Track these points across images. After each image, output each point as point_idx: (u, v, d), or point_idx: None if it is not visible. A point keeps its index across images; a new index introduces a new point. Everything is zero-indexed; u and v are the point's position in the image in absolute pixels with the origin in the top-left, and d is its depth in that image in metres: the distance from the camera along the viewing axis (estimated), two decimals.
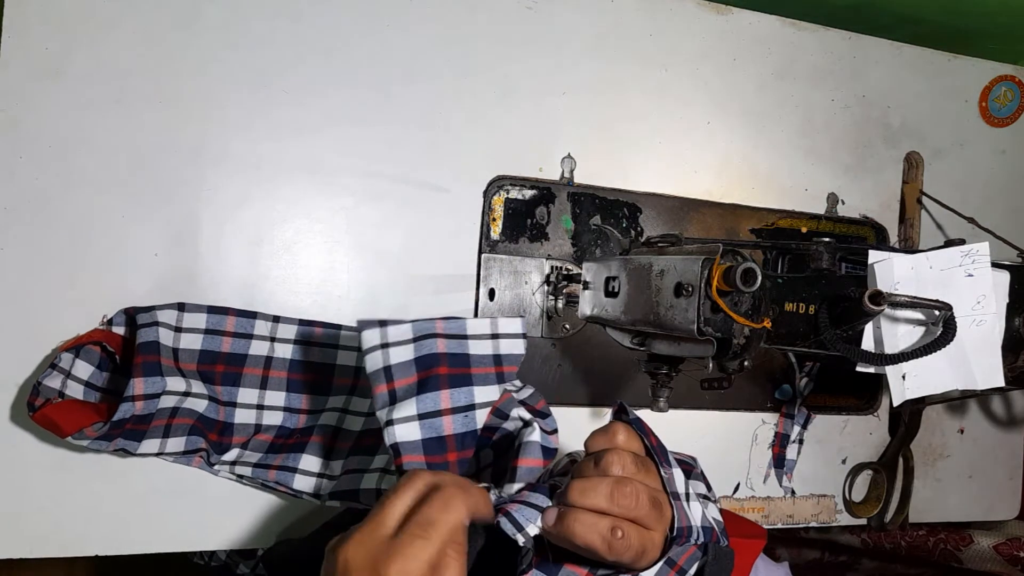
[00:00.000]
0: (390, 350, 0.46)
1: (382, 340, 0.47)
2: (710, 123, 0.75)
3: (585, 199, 0.70)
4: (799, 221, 0.78)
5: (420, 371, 0.46)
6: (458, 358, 0.47)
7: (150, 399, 0.54)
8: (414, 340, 0.47)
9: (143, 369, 0.54)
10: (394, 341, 0.47)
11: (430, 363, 0.46)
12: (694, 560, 0.45)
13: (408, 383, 0.46)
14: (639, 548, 0.40)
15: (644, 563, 0.41)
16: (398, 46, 0.65)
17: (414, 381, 0.46)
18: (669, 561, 0.43)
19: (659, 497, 0.42)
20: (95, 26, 0.58)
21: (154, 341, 0.55)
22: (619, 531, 0.39)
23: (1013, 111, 0.86)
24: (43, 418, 0.52)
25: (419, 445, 0.43)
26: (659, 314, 0.53)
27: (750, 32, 0.76)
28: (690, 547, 0.45)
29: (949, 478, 0.84)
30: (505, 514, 0.41)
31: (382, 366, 0.46)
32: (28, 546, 0.57)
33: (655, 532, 0.41)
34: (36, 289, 0.57)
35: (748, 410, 0.76)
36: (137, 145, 0.59)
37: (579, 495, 0.40)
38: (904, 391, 0.52)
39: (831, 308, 0.52)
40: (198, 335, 0.58)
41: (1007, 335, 0.53)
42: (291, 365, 0.61)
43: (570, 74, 0.70)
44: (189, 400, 0.57)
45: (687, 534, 0.44)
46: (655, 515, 0.41)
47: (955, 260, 0.52)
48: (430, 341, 0.47)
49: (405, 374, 0.46)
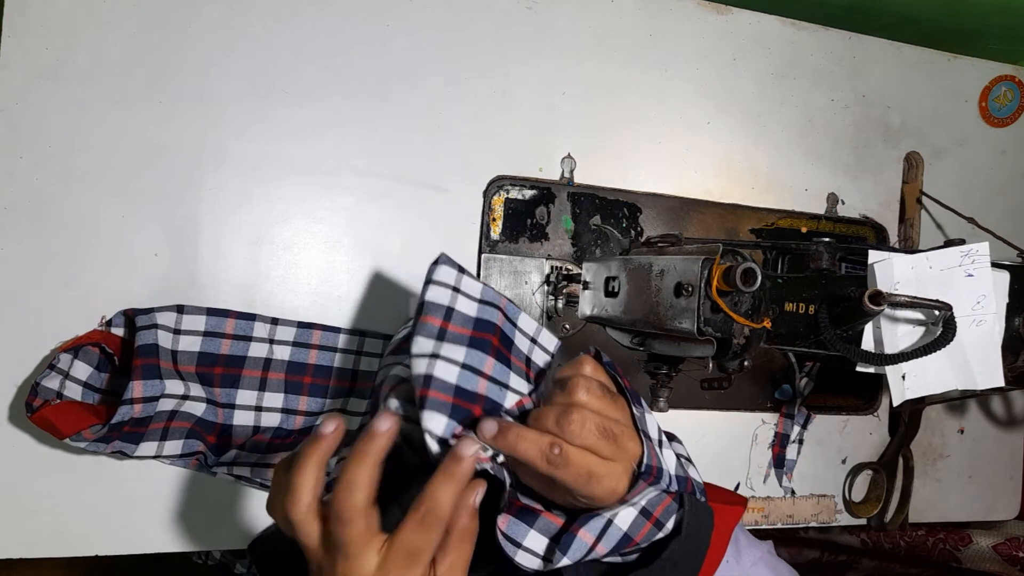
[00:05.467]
0: (459, 296, 0.46)
1: (456, 283, 0.46)
2: (710, 123, 0.75)
3: (585, 199, 0.70)
4: (799, 221, 0.78)
5: (476, 330, 0.45)
6: (505, 340, 0.47)
7: (148, 402, 0.54)
8: (480, 301, 0.46)
9: (142, 372, 0.54)
10: (465, 291, 0.46)
11: (486, 328, 0.46)
12: (670, 513, 0.44)
13: (462, 333, 0.44)
14: (583, 471, 0.40)
15: (605, 494, 0.42)
16: (398, 46, 0.65)
17: (468, 334, 0.45)
18: (645, 512, 0.43)
19: (617, 429, 0.42)
20: (95, 26, 0.58)
21: (153, 344, 0.55)
22: (557, 447, 0.40)
23: (1013, 111, 0.86)
24: (41, 419, 0.52)
25: (452, 388, 0.42)
26: (659, 314, 0.53)
27: (750, 32, 0.76)
28: (665, 498, 0.44)
29: (949, 478, 0.84)
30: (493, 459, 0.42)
31: (446, 304, 0.45)
32: (28, 546, 0.57)
33: (614, 463, 0.42)
34: (36, 289, 0.56)
35: (748, 410, 0.76)
36: (137, 145, 0.59)
37: (532, 419, 0.42)
38: (904, 391, 0.52)
39: (831, 308, 0.52)
40: (197, 337, 0.58)
41: (1007, 335, 0.53)
42: (289, 367, 0.61)
43: (570, 74, 0.70)
44: (187, 403, 0.57)
45: (656, 474, 0.44)
46: (609, 445, 0.41)
47: (955, 260, 0.52)
48: (493, 310, 0.47)
49: (463, 324, 0.45)
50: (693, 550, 0.45)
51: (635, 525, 0.43)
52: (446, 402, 0.42)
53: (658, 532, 0.44)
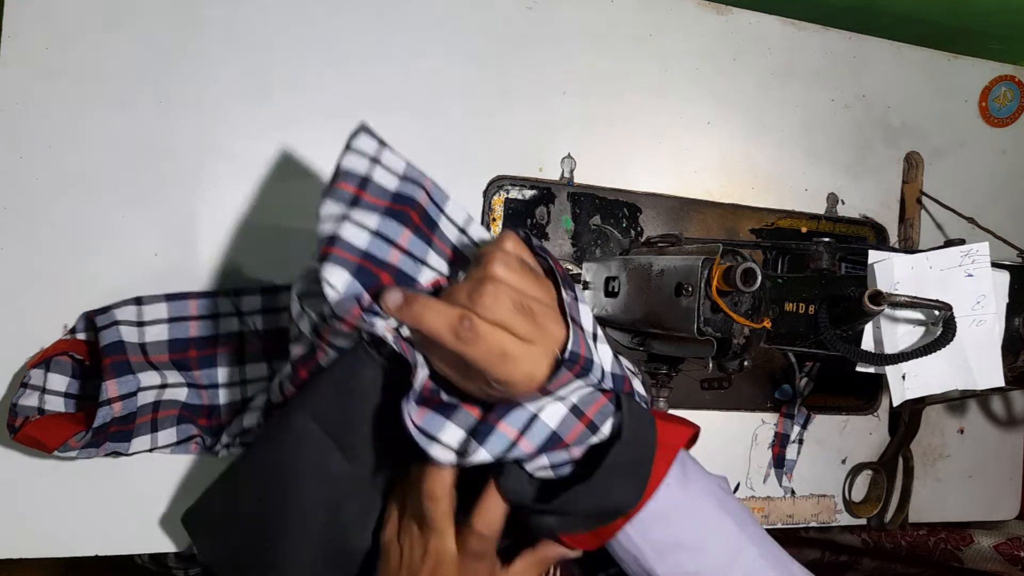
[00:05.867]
0: (378, 167, 0.42)
1: (375, 155, 0.43)
2: (710, 123, 0.75)
3: (585, 199, 0.70)
4: (799, 221, 0.78)
5: (394, 203, 0.42)
6: (428, 220, 0.44)
7: (127, 399, 0.53)
8: (402, 178, 0.43)
9: (113, 370, 0.53)
10: (385, 164, 0.43)
11: (406, 202, 0.42)
12: (606, 415, 0.42)
13: (376, 203, 0.41)
14: (496, 349, 0.37)
15: (521, 379, 0.38)
16: (398, 45, 0.65)
17: (384, 205, 0.41)
18: (576, 410, 0.40)
19: (537, 308, 0.39)
20: (95, 26, 0.58)
21: (117, 341, 0.54)
22: (467, 320, 0.37)
23: (1013, 111, 0.86)
24: (25, 438, 0.51)
25: (360, 251, 0.39)
26: (659, 314, 0.53)
27: (750, 32, 0.76)
28: (599, 397, 0.42)
29: (949, 478, 0.84)
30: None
31: (362, 174, 0.41)
32: (28, 546, 0.57)
33: (531, 345, 0.39)
34: (36, 289, 0.56)
35: (748, 410, 0.76)
36: (137, 145, 0.59)
37: (443, 295, 0.39)
38: (904, 391, 0.52)
39: (831, 308, 0.52)
40: (163, 326, 0.57)
41: (1007, 335, 0.53)
42: (266, 334, 0.59)
43: (570, 74, 0.70)
44: (168, 391, 0.56)
45: (584, 365, 0.40)
46: (526, 323, 0.38)
47: (955, 260, 0.52)
48: (416, 188, 0.43)
49: (379, 195, 0.42)
50: (635, 460, 0.42)
51: (565, 424, 0.40)
52: (350, 260, 0.39)
53: (592, 436, 0.41)
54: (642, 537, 0.44)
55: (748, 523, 0.46)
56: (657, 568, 0.44)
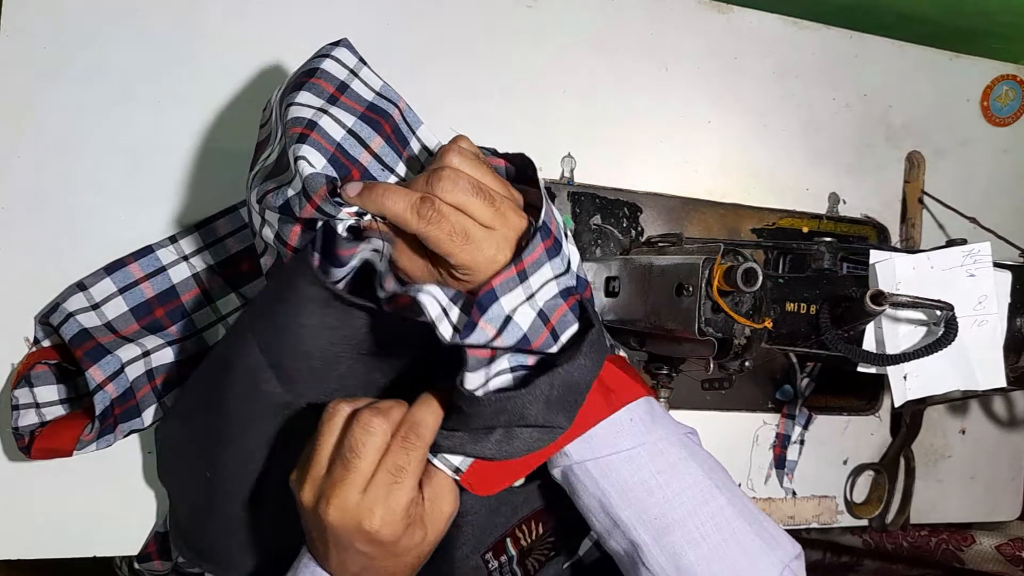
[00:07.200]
0: (356, 79, 0.44)
1: (354, 68, 0.44)
2: (711, 122, 0.75)
3: (585, 199, 0.70)
4: (800, 221, 0.77)
5: (369, 111, 0.43)
6: (400, 136, 0.45)
7: (115, 377, 0.53)
8: (377, 93, 0.45)
9: (89, 358, 0.52)
10: (363, 78, 0.45)
11: (380, 114, 0.44)
12: (566, 324, 0.41)
13: (353, 107, 0.43)
14: (459, 229, 0.38)
15: (485, 262, 0.39)
16: (397, 45, 0.65)
17: (359, 110, 0.43)
18: (542, 315, 0.40)
19: (496, 195, 0.40)
20: (95, 26, 0.58)
21: (80, 330, 0.53)
22: (428, 200, 0.38)
23: (1015, 110, 0.86)
24: (40, 451, 0.52)
25: (335, 142, 0.41)
26: (660, 314, 0.53)
27: (751, 31, 0.76)
28: (562, 305, 0.41)
29: (951, 479, 0.84)
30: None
31: (341, 79, 0.43)
32: (28, 546, 0.57)
33: (493, 230, 0.39)
34: (35, 289, 0.56)
35: (749, 411, 0.75)
36: (137, 145, 0.59)
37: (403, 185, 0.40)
38: (906, 391, 0.52)
39: (832, 308, 0.52)
40: (117, 298, 0.56)
41: (1009, 335, 0.53)
42: (219, 266, 0.59)
43: (570, 73, 0.70)
44: (155, 357, 0.56)
45: (554, 241, 0.41)
46: (486, 207, 0.39)
47: (957, 260, 0.52)
48: (390, 105, 0.45)
49: (356, 101, 0.43)
50: (575, 382, 0.40)
51: (534, 328, 0.40)
52: (326, 148, 0.40)
53: (553, 345, 0.41)
54: (606, 479, 0.44)
55: (716, 472, 0.46)
56: (621, 512, 0.44)
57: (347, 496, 0.38)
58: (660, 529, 0.43)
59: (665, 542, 0.43)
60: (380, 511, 0.38)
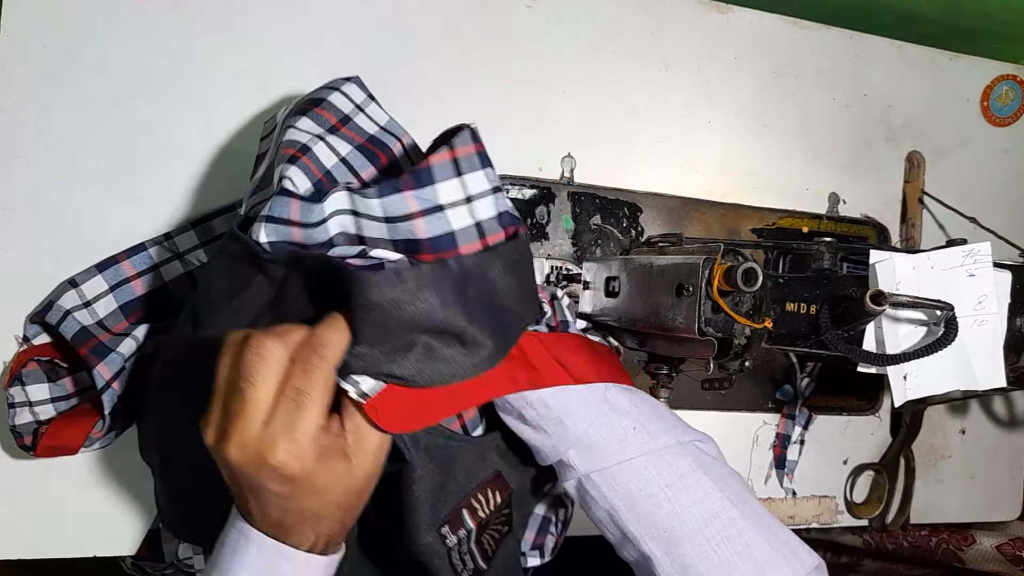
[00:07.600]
0: (361, 113, 0.45)
1: (361, 104, 0.46)
2: (711, 122, 0.74)
3: (585, 199, 0.70)
4: (800, 221, 0.77)
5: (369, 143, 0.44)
6: (399, 169, 0.45)
7: (120, 375, 0.53)
8: (382, 128, 0.46)
9: (95, 355, 0.52)
10: (369, 114, 0.46)
11: (380, 147, 0.44)
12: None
13: (352, 137, 0.44)
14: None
15: None
16: (397, 45, 0.65)
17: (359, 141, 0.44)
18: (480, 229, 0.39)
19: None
20: (95, 26, 0.58)
21: (81, 328, 0.53)
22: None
23: (1015, 110, 0.85)
24: (46, 450, 0.52)
25: (325, 169, 0.41)
26: (660, 314, 0.53)
27: (751, 31, 0.76)
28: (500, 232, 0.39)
29: (951, 479, 0.84)
30: None
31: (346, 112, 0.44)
32: (28, 546, 0.57)
33: None
34: (35, 289, 0.56)
35: (749, 411, 0.75)
36: (137, 145, 0.59)
37: None
38: (906, 392, 0.52)
39: (832, 308, 0.52)
40: (108, 296, 0.56)
41: (1009, 335, 0.53)
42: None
43: (570, 73, 0.70)
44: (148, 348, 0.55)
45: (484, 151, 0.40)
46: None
47: (957, 260, 0.52)
48: (392, 139, 0.45)
49: (357, 132, 0.45)
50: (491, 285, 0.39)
51: (465, 233, 0.38)
52: (314, 173, 0.40)
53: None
54: (614, 493, 0.44)
55: (728, 482, 0.45)
56: (631, 526, 0.44)
57: (246, 430, 0.34)
58: (670, 543, 0.43)
59: (675, 555, 0.43)
60: (283, 442, 0.34)
